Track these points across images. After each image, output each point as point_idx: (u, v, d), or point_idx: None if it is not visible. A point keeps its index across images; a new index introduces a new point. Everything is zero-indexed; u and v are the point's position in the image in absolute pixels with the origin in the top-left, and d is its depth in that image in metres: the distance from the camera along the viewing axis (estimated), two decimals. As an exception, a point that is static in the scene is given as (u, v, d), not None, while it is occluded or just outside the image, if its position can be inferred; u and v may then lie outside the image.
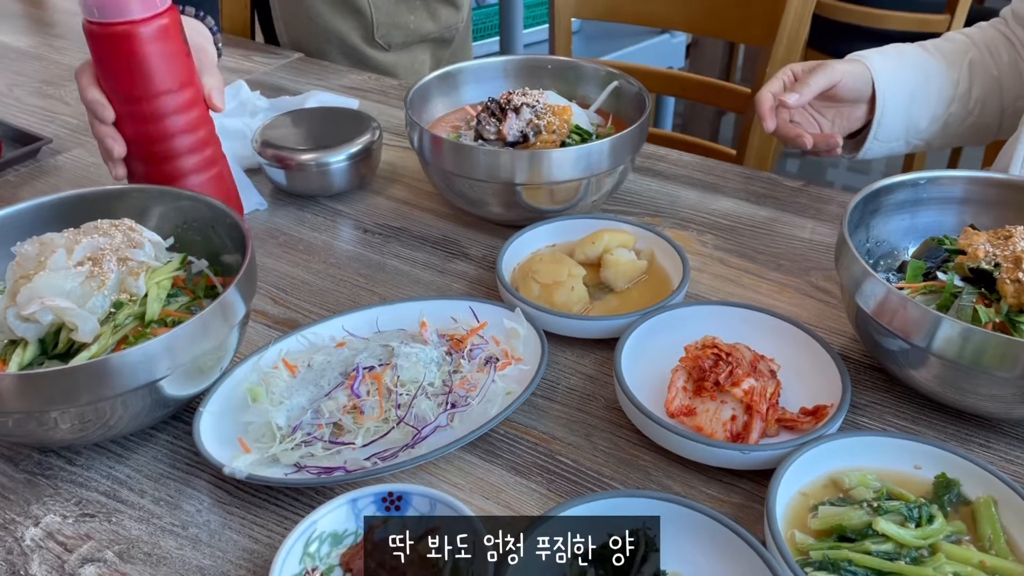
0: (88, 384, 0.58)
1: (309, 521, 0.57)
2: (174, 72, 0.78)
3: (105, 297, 0.64)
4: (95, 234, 0.68)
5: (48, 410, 0.59)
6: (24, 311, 0.62)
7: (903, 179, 0.77)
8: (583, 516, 0.57)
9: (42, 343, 0.64)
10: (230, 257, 0.75)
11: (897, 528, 0.56)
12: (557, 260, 0.81)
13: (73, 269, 0.64)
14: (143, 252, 0.68)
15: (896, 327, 0.65)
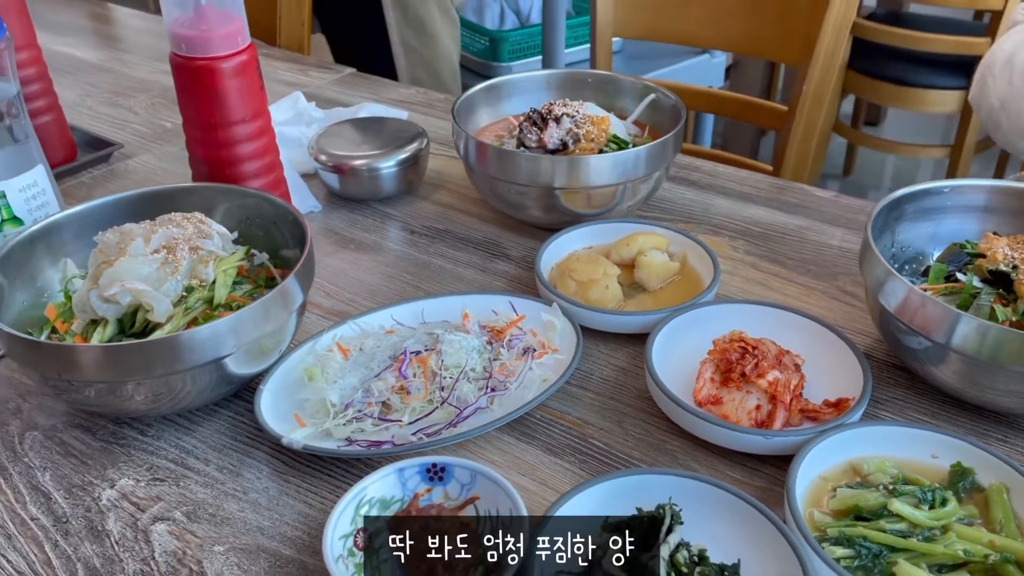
0: (162, 358, 0.64)
1: (360, 487, 0.62)
2: (248, 104, 0.85)
3: (178, 282, 0.70)
4: (169, 225, 0.74)
5: (126, 381, 0.65)
6: (106, 293, 0.68)
7: (927, 187, 0.80)
8: (613, 489, 0.62)
9: (120, 323, 0.70)
10: (288, 252, 0.80)
11: (911, 509, 0.59)
12: (593, 260, 0.86)
13: (150, 256, 0.70)
14: (212, 243, 0.74)
15: (917, 324, 0.68)
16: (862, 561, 0.57)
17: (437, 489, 0.64)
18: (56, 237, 0.77)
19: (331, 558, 0.57)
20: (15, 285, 0.74)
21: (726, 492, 0.61)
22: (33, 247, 0.76)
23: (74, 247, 0.78)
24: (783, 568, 0.56)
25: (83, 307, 0.70)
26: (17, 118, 0.81)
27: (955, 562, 0.57)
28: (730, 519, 0.60)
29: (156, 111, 1.32)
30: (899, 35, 2.37)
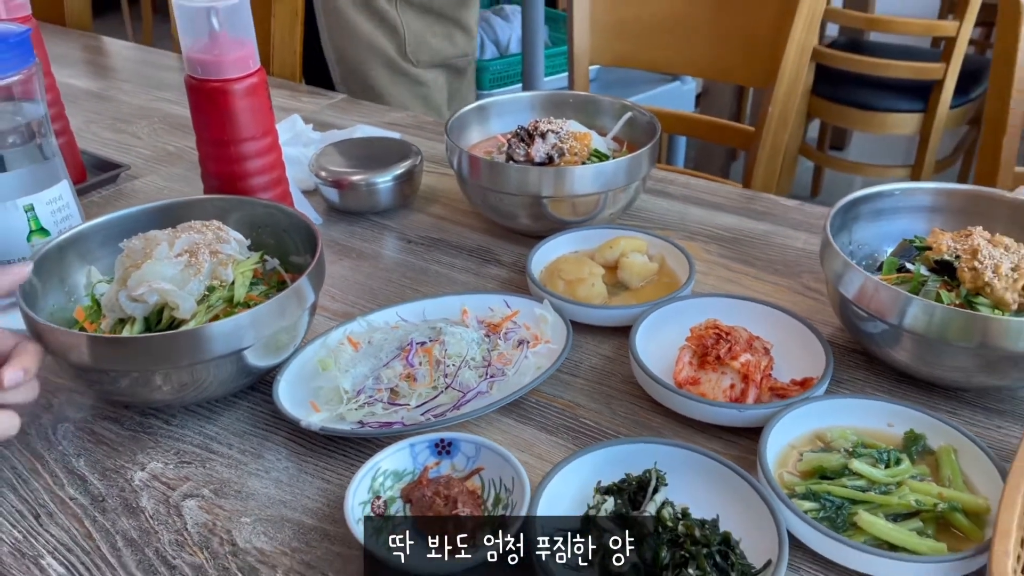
0: (189, 348, 0.70)
1: (375, 460, 0.68)
2: (258, 122, 0.92)
3: (200, 282, 0.76)
4: (190, 232, 0.80)
5: (157, 369, 0.71)
6: (134, 293, 0.74)
7: (879, 190, 0.89)
8: (604, 457, 0.68)
9: (146, 321, 0.76)
10: (297, 258, 0.87)
11: (869, 467, 0.67)
12: (580, 261, 0.93)
13: (174, 259, 0.76)
14: (230, 247, 0.80)
15: (873, 309, 0.76)
16: (827, 512, 0.64)
17: (445, 462, 0.70)
18: (83, 245, 0.83)
19: (352, 520, 0.63)
20: (46, 289, 0.80)
21: (705, 457, 0.68)
22: (62, 254, 0.82)
23: (99, 254, 0.84)
24: (757, 522, 0.63)
25: (112, 307, 0.76)
26: (46, 137, 0.87)
27: (908, 511, 0.64)
28: (709, 481, 0.67)
29: (159, 136, 1.39)
30: (860, 62, 2.49)
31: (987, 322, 0.70)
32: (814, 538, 0.62)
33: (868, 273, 0.77)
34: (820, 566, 0.63)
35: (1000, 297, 0.74)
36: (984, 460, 0.67)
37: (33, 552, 0.65)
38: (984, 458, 0.67)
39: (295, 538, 0.66)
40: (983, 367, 0.73)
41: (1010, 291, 0.74)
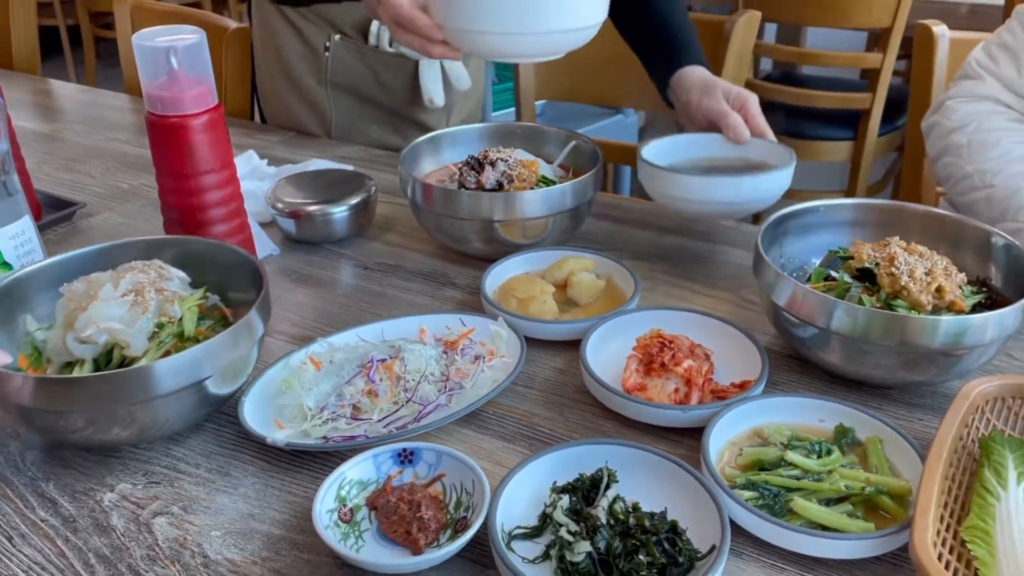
0: (143, 386, 0.70)
1: (340, 471, 0.71)
2: (216, 156, 0.96)
3: (149, 320, 0.77)
4: (133, 272, 0.80)
5: (117, 405, 0.70)
6: (82, 334, 0.74)
7: (805, 206, 0.96)
8: (559, 459, 0.73)
9: (96, 362, 0.75)
10: (237, 293, 0.87)
11: (803, 458, 0.72)
12: (531, 280, 0.98)
13: (120, 299, 0.77)
14: (173, 284, 0.81)
15: (803, 315, 0.82)
16: (765, 500, 0.69)
17: (408, 470, 0.74)
18: (17, 294, 0.82)
19: (321, 526, 0.66)
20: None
21: (652, 454, 0.72)
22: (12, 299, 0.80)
23: (34, 303, 0.83)
24: (702, 511, 0.68)
25: (58, 351, 0.76)
26: (9, 174, 0.89)
27: (839, 495, 0.69)
28: (657, 477, 0.72)
29: (112, 175, 1.41)
30: (793, 93, 2.61)
31: (905, 321, 0.77)
32: (754, 523, 0.67)
33: (797, 282, 0.83)
34: (760, 549, 0.67)
35: (916, 299, 0.81)
36: (907, 448, 0.73)
37: (8, 572, 0.66)
38: (907, 446, 0.73)
39: (265, 548, 0.69)
40: (903, 364, 0.80)
41: (924, 293, 0.81)
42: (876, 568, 0.66)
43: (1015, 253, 0.86)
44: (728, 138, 1.10)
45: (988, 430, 0.74)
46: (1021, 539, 0.62)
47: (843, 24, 2.52)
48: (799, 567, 0.66)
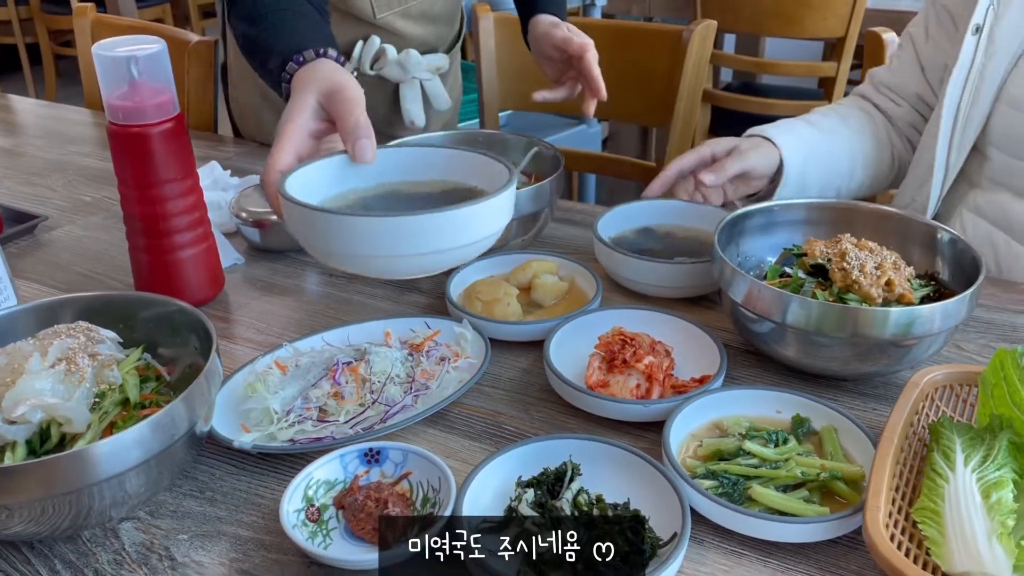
0: (125, 452, 0.64)
1: (307, 471, 0.72)
2: (178, 164, 0.96)
3: (88, 390, 0.70)
4: (58, 337, 0.73)
5: (85, 487, 0.63)
6: (12, 414, 0.67)
7: (760, 207, 0.98)
8: (524, 455, 0.74)
9: (29, 444, 0.68)
10: (167, 349, 0.81)
11: (760, 447, 0.74)
12: (495, 283, 1.00)
13: (51, 369, 0.70)
14: (106, 347, 0.75)
15: (760, 310, 0.84)
16: (725, 489, 0.71)
17: (374, 470, 0.74)
18: None
19: (288, 526, 0.66)
20: None
21: (615, 447, 0.74)
22: None
23: None
24: (664, 501, 0.69)
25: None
26: (-33, 184, 0.89)
27: (796, 482, 0.71)
28: (620, 469, 0.73)
29: (74, 188, 1.40)
30: (752, 102, 2.66)
31: (857, 313, 0.79)
32: (715, 511, 0.69)
33: (752, 278, 0.85)
34: (721, 536, 0.69)
35: (867, 292, 0.83)
36: (860, 436, 0.75)
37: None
38: (860, 434, 0.75)
39: (232, 549, 0.69)
40: (856, 356, 0.82)
41: (874, 287, 0.84)
42: (832, 551, 0.68)
43: (960, 247, 0.90)
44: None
45: (937, 416, 0.76)
46: (969, 519, 0.64)
47: (799, 34, 2.57)
48: (758, 552, 0.68)
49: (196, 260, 1.01)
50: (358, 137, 0.80)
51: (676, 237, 1.12)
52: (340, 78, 0.84)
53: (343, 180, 0.84)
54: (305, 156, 0.83)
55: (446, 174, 0.88)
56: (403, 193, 0.87)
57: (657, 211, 1.14)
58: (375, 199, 0.85)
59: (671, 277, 1.00)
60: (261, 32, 0.97)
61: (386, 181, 0.87)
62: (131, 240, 1.00)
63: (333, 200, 0.83)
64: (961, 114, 1.07)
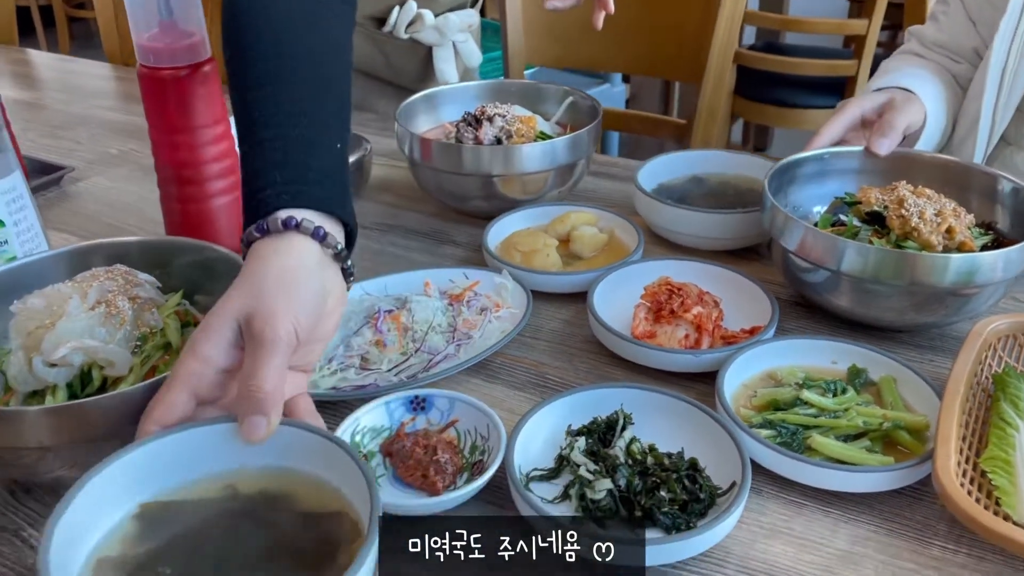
0: None
1: (353, 417, 0.70)
2: (210, 110, 0.93)
3: (128, 332, 0.68)
4: (97, 280, 0.70)
5: (129, 430, 0.57)
6: (53, 357, 0.64)
7: (810, 155, 0.95)
8: (573, 403, 0.72)
9: (70, 387, 0.66)
10: (203, 298, 0.79)
11: (818, 397, 0.72)
12: (534, 234, 0.97)
13: (91, 312, 0.67)
14: (145, 290, 0.72)
15: (814, 258, 0.81)
16: (783, 439, 0.69)
17: (420, 418, 0.73)
18: None
19: (336, 471, 0.64)
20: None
21: (668, 396, 0.72)
22: None
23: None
24: (719, 451, 0.67)
25: (24, 379, 0.65)
26: (3, 134, 0.87)
27: (857, 431, 0.69)
28: (671, 419, 0.71)
29: (99, 141, 1.38)
30: (778, 62, 2.61)
31: (916, 259, 0.76)
32: (774, 460, 0.66)
33: (807, 224, 0.82)
34: (780, 486, 0.67)
35: (926, 240, 0.81)
36: (921, 385, 0.73)
37: (14, 525, 0.65)
38: (921, 383, 0.73)
39: (278, 497, 0.67)
40: (913, 305, 0.79)
41: (935, 234, 0.81)
42: (896, 501, 0.65)
43: (1022, 196, 0.86)
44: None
45: (1001, 367, 0.74)
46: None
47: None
48: (819, 502, 0.66)
49: (229, 209, 0.98)
50: (252, 410, 0.54)
51: (719, 187, 1.09)
52: (280, 293, 0.58)
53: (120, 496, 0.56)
54: (206, 396, 0.58)
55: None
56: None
57: (698, 161, 1.11)
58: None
59: (716, 227, 0.97)
60: (247, 106, 0.68)
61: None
62: (163, 188, 0.98)
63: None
64: (1008, 70, 1.03)
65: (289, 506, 0.55)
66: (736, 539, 0.63)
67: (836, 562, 0.61)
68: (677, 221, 0.99)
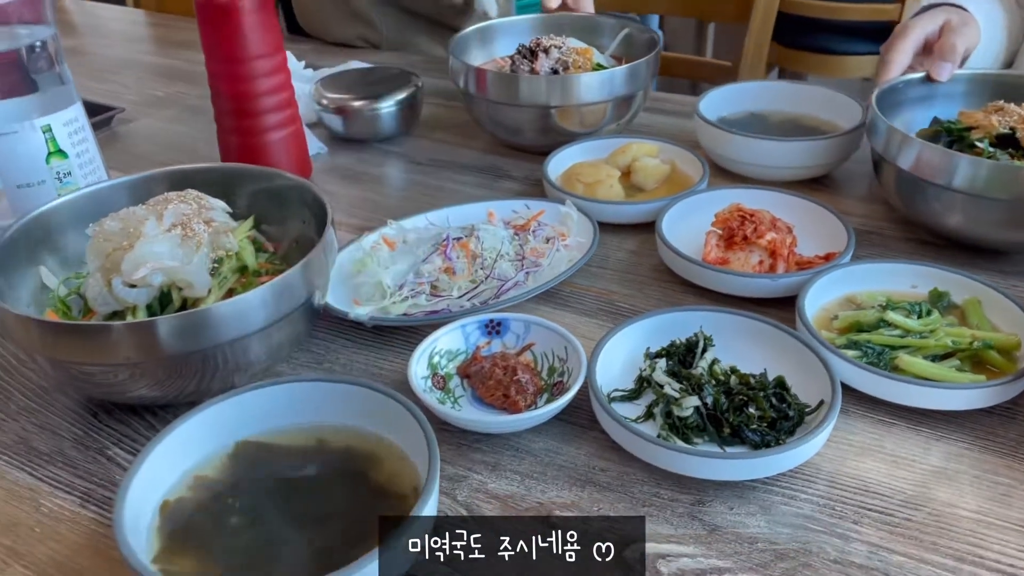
0: (235, 320, 0.62)
1: (431, 339, 0.69)
2: (267, 40, 0.92)
3: (205, 255, 0.68)
4: (172, 203, 0.70)
5: (210, 347, 0.61)
6: (133, 277, 0.64)
7: (919, 76, 0.92)
8: (650, 327, 0.71)
9: (149, 308, 0.66)
10: (270, 227, 0.79)
11: (903, 318, 0.70)
12: (596, 165, 0.95)
13: (168, 234, 0.67)
14: (217, 214, 0.72)
15: (930, 175, 0.78)
16: (869, 359, 0.68)
17: (496, 341, 0.72)
18: (23, 247, 0.71)
19: (419, 390, 0.64)
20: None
21: (748, 318, 0.70)
22: (19, 248, 0.71)
23: (39, 255, 0.73)
24: (804, 371, 0.66)
25: (103, 300, 0.66)
26: (61, 64, 0.86)
27: (945, 351, 0.67)
28: (752, 341, 0.70)
29: (146, 84, 1.37)
30: (819, 7, 2.54)
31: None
32: (863, 379, 0.65)
33: (923, 140, 0.79)
34: (867, 406, 0.66)
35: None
36: (1009, 305, 0.71)
37: (98, 445, 0.65)
38: (1008, 303, 0.71)
39: (357, 418, 0.67)
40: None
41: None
42: (987, 420, 0.64)
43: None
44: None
45: (1090, 288, 0.72)
46: None
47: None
48: (908, 420, 0.64)
49: (287, 142, 0.97)
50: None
51: (783, 124, 1.06)
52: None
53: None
54: None
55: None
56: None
57: (759, 94, 1.09)
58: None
59: (789, 156, 0.95)
60: None
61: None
62: (220, 122, 0.97)
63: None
64: None
65: (363, 466, 0.58)
66: (825, 457, 0.62)
67: (931, 478, 0.60)
68: (746, 151, 0.96)
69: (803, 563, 0.54)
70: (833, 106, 1.04)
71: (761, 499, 0.59)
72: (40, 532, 0.57)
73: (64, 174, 0.86)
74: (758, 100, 1.09)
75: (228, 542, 0.54)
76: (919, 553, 0.54)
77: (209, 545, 0.53)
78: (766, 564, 0.54)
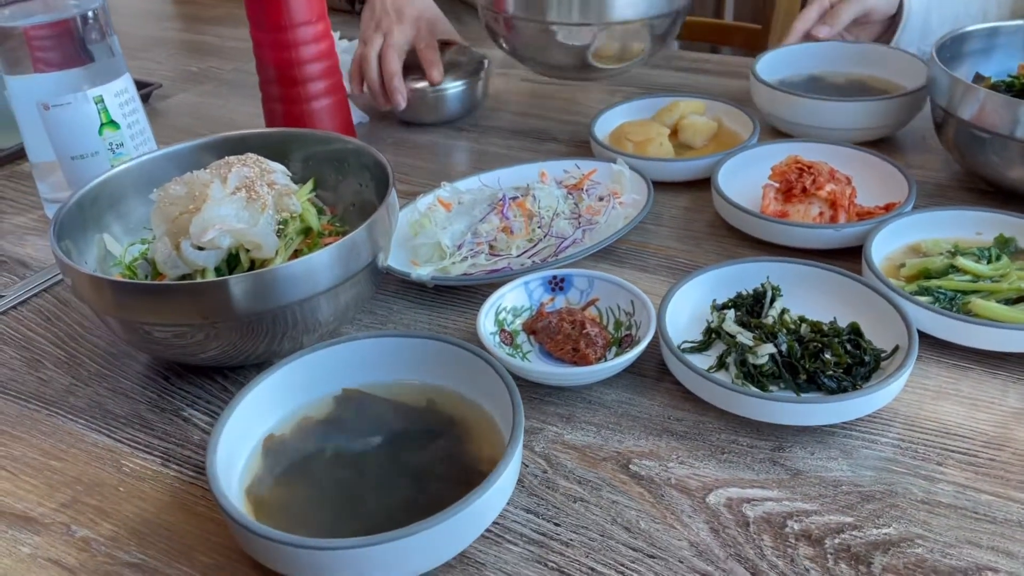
0: (304, 280, 0.62)
1: (497, 295, 0.69)
2: (310, 7, 0.91)
3: (271, 216, 0.67)
4: (235, 167, 0.69)
5: (280, 307, 0.61)
6: (202, 239, 0.64)
7: (981, 28, 0.90)
8: (716, 279, 0.70)
9: (217, 271, 0.66)
10: (325, 191, 0.79)
11: (973, 263, 0.69)
12: (644, 124, 0.95)
13: (233, 196, 0.67)
14: (279, 177, 0.71)
15: (992, 124, 0.77)
16: (942, 304, 0.67)
17: (559, 297, 0.72)
18: (89, 212, 0.72)
19: (491, 345, 0.64)
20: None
21: (815, 268, 0.70)
22: (83, 215, 0.71)
23: (104, 222, 0.74)
24: (875, 318, 0.65)
25: (173, 263, 0.66)
26: (111, 36, 0.86)
27: (1018, 295, 0.67)
28: (819, 291, 0.69)
29: (179, 60, 1.37)
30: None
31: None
32: (937, 324, 0.64)
33: (987, 90, 0.78)
34: (940, 351, 0.65)
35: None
36: (1079, 250, 0.70)
37: (173, 406, 0.66)
38: (1079, 247, 0.70)
39: (426, 376, 0.67)
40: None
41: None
42: (1065, 362, 0.64)
43: None
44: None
45: None
46: None
47: None
48: (984, 365, 0.64)
49: (331, 110, 0.97)
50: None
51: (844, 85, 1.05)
52: None
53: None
54: None
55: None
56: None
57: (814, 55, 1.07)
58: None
59: (849, 117, 0.93)
60: None
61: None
62: (264, 90, 0.97)
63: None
64: None
65: (459, 432, 0.59)
66: (902, 401, 0.61)
67: (1011, 419, 0.59)
68: (807, 113, 0.94)
69: (890, 504, 0.54)
70: (894, 66, 1.03)
71: (841, 443, 0.58)
72: (125, 491, 0.58)
73: (117, 145, 0.86)
74: (818, 61, 1.07)
75: (324, 476, 0.56)
76: (1007, 492, 0.54)
77: (306, 480, 0.56)
78: (852, 506, 0.54)
